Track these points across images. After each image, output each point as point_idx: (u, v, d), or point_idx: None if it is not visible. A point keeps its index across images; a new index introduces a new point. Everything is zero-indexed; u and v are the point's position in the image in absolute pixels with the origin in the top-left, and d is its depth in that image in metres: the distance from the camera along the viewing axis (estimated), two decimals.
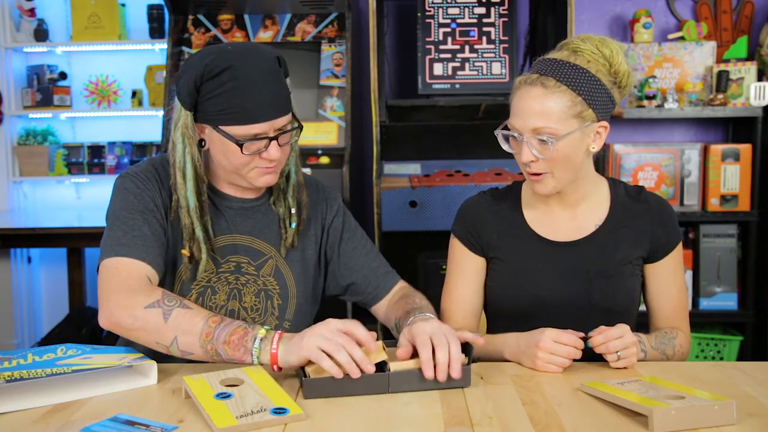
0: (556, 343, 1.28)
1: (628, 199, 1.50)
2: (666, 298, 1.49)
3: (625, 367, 1.30)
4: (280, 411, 1.07)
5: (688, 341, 1.48)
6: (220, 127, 1.34)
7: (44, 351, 1.27)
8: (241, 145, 1.33)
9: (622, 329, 1.29)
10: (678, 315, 1.48)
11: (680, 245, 1.50)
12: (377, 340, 1.22)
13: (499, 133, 1.43)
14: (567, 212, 1.49)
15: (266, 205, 1.49)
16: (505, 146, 1.44)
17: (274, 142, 1.35)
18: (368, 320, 3.14)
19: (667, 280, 1.49)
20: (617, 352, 1.28)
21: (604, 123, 1.41)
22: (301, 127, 1.41)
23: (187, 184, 1.37)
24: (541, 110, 1.35)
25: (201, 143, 1.39)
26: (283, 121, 1.36)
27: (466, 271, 1.53)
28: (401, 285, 1.57)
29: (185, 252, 1.39)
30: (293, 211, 1.47)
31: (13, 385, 1.14)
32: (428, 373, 1.17)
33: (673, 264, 1.49)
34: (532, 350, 1.29)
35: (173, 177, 1.38)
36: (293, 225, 1.47)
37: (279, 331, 1.23)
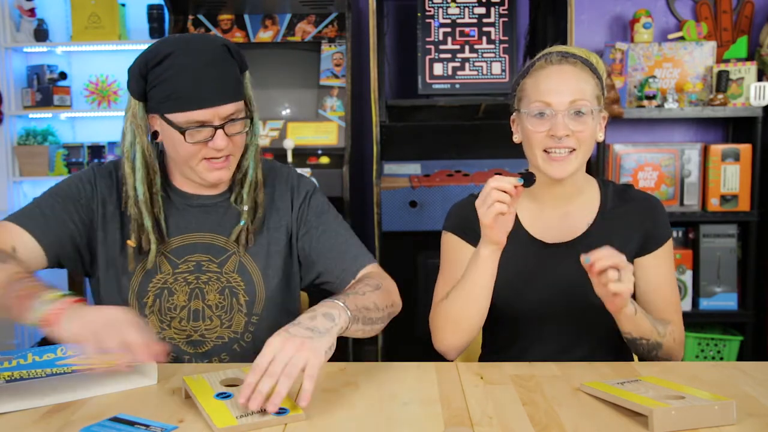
0: (492, 189, 1.29)
1: (616, 198, 1.50)
2: (656, 291, 1.47)
3: (618, 295, 1.26)
4: (280, 411, 1.07)
5: (682, 337, 1.45)
6: (165, 115, 1.32)
7: (44, 351, 1.27)
8: (183, 133, 1.31)
9: (620, 255, 1.26)
10: (669, 309, 1.46)
11: (670, 243, 1.49)
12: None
13: (525, 113, 1.42)
14: (559, 210, 1.49)
15: (228, 202, 1.46)
16: (527, 126, 1.41)
17: (220, 131, 1.32)
18: None
19: (656, 274, 1.47)
20: (616, 270, 1.24)
21: (606, 114, 1.47)
22: (251, 117, 1.38)
23: (136, 174, 1.37)
24: (577, 84, 1.39)
25: (155, 135, 1.38)
26: (229, 108, 1.32)
27: (461, 261, 1.48)
28: (370, 269, 1.47)
29: (131, 242, 1.38)
30: (245, 208, 1.42)
31: (13, 385, 1.14)
32: (241, 399, 1.06)
33: (662, 259, 1.47)
34: (478, 212, 1.31)
35: (122, 167, 1.38)
36: (242, 222, 1.42)
37: (79, 299, 1.16)
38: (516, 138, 1.49)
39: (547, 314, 1.46)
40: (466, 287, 1.39)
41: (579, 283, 1.44)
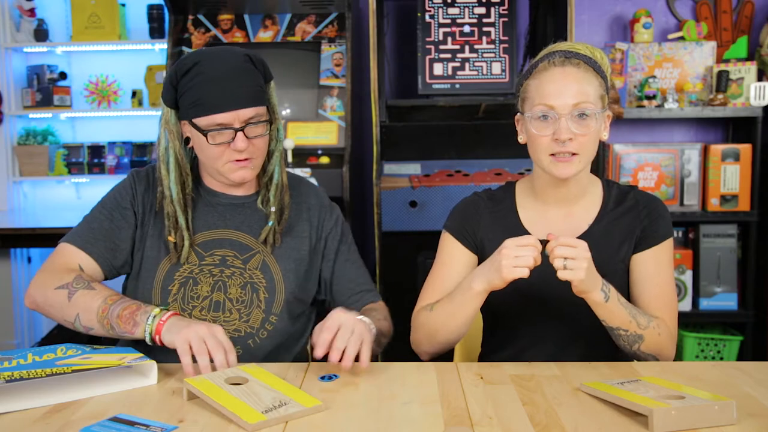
0: (518, 247, 1.29)
1: (619, 198, 1.51)
2: (649, 286, 1.45)
3: (573, 281, 1.28)
4: (331, 377, 1.26)
5: (670, 333, 1.42)
6: (192, 120, 1.43)
7: (44, 351, 1.27)
8: (206, 135, 1.42)
9: (578, 242, 1.28)
10: (659, 305, 1.44)
11: (669, 244, 1.47)
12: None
13: (529, 116, 1.42)
14: (562, 211, 1.50)
15: (255, 204, 1.56)
16: (530, 129, 1.42)
17: (240, 134, 1.42)
18: None
19: (651, 271, 1.45)
20: (565, 259, 1.26)
21: (609, 112, 1.46)
22: (271, 121, 1.48)
23: (170, 175, 1.47)
24: (580, 87, 1.39)
25: (187, 141, 1.49)
26: (249, 112, 1.43)
27: (453, 264, 1.52)
28: (377, 304, 1.60)
29: (171, 238, 1.48)
30: (273, 209, 1.52)
31: (13, 385, 1.14)
32: (318, 352, 1.26)
33: (659, 257, 1.46)
34: (497, 260, 1.31)
35: (158, 169, 1.50)
36: (270, 223, 1.51)
37: (174, 312, 1.34)
38: (521, 138, 1.48)
39: (547, 312, 1.46)
40: (451, 309, 1.41)
41: None
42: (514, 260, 1.29)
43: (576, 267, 1.26)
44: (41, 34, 3.61)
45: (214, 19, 3.25)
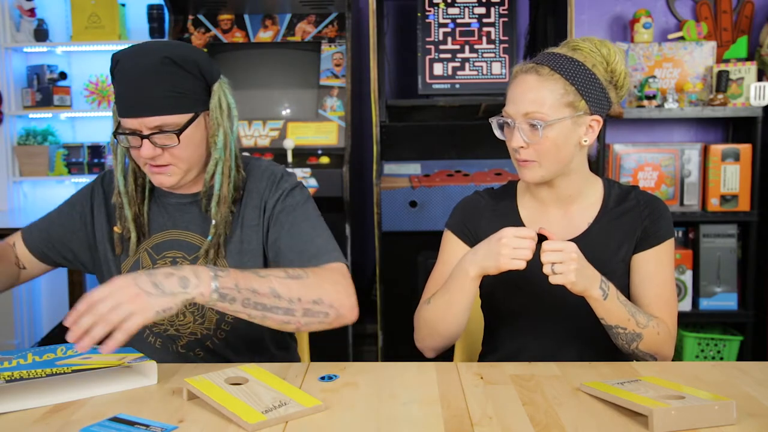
0: (517, 238, 1.30)
1: (619, 198, 1.51)
2: (649, 285, 1.45)
3: (564, 285, 1.30)
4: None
5: (669, 333, 1.42)
6: (120, 118, 1.38)
7: (44, 351, 1.27)
8: (117, 137, 1.39)
9: (564, 245, 1.29)
10: (662, 305, 1.44)
11: (670, 244, 1.47)
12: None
13: (493, 120, 1.46)
14: (561, 210, 1.50)
15: (200, 202, 1.49)
16: (498, 133, 1.47)
17: (146, 141, 1.34)
18: (369, 320, 3.15)
19: (651, 270, 1.45)
20: (552, 263, 1.28)
21: (597, 117, 1.43)
22: (178, 132, 1.34)
23: (118, 166, 1.45)
24: (534, 96, 1.38)
25: None
26: (155, 121, 1.33)
27: (455, 262, 1.48)
28: (316, 267, 1.39)
29: (117, 228, 1.47)
30: (213, 223, 1.42)
31: (13, 385, 1.14)
32: (66, 321, 1.13)
33: (660, 257, 1.46)
34: (495, 248, 1.31)
35: (112, 159, 1.48)
36: (209, 238, 1.43)
37: None
38: None
39: (545, 310, 1.46)
40: (448, 298, 1.41)
41: None
42: (513, 251, 1.30)
43: (564, 270, 1.28)
44: (41, 34, 3.60)
45: (214, 19, 3.25)
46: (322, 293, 1.28)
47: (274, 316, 1.25)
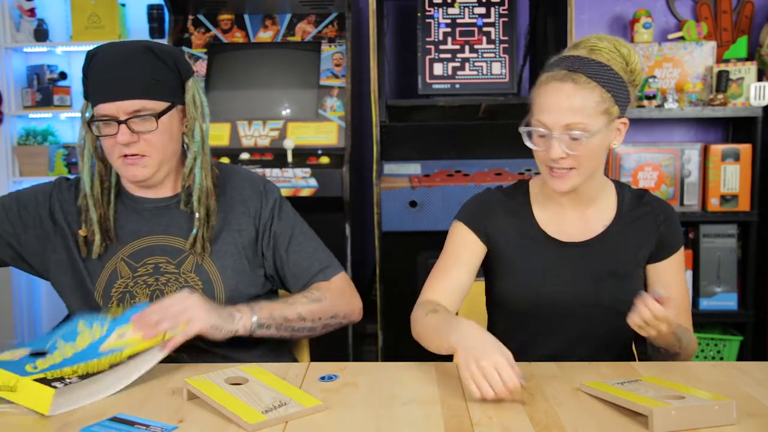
0: (504, 371, 1.13)
1: (633, 201, 1.50)
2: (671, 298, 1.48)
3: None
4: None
5: (696, 342, 1.47)
6: (93, 108, 1.40)
7: (69, 335, 1.26)
8: (92, 126, 1.39)
9: (664, 316, 1.25)
10: (681, 313, 1.47)
11: (682, 250, 1.50)
12: None
13: (523, 131, 1.41)
14: (577, 212, 1.49)
15: (178, 204, 1.50)
16: (528, 143, 1.42)
17: (123, 126, 1.37)
18: (369, 320, 3.15)
19: (669, 281, 1.48)
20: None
21: (625, 119, 1.42)
22: (158, 115, 1.38)
23: (84, 167, 1.45)
24: (574, 106, 1.34)
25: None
26: (133, 104, 1.37)
27: (464, 254, 1.49)
28: (329, 282, 1.53)
29: (82, 232, 1.46)
30: (197, 216, 1.45)
31: (86, 381, 1.16)
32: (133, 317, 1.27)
33: (675, 266, 1.49)
34: (482, 356, 1.15)
35: (79, 160, 1.47)
36: (194, 231, 1.45)
37: None
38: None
39: (557, 312, 1.45)
40: (433, 332, 1.33)
41: (591, 283, 1.44)
42: (486, 377, 1.13)
43: (649, 331, 1.28)
44: (41, 34, 3.60)
45: (214, 19, 3.25)
46: (337, 310, 1.50)
47: (301, 334, 1.47)
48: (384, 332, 2.92)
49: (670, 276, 1.49)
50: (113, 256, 1.46)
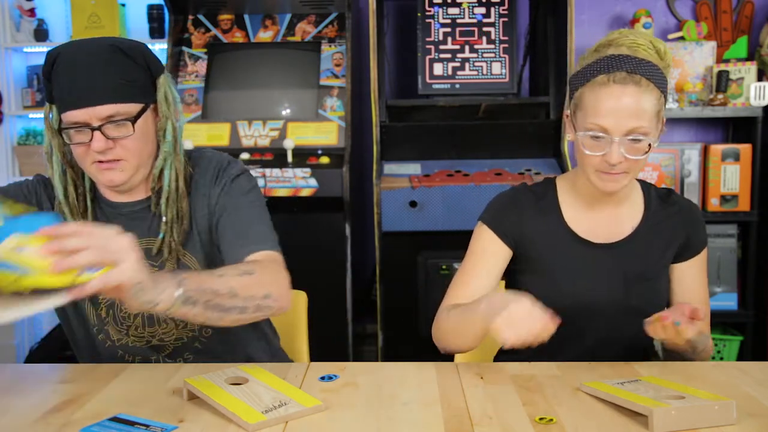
0: (542, 323, 1.20)
1: (659, 201, 1.48)
2: (691, 298, 1.47)
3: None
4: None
5: (712, 347, 1.47)
6: (61, 115, 1.31)
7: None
8: (63, 133, 1.31)
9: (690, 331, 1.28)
10: (702, 317, 1.43)
11: (706, 251, 1.49)
12: None
13: (585, 136, 1.35)
14: (607, 212, 1.46)
15: (150, 209, 1.43)
16: (587, 151, 1.35)
17: (97, 133, 1.28)
18: (369, 320, 3.15)
19: (694, 281, 1.48)
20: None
21: (664, 119, 1.40)
22: (133, 120, 1.31)
23: (54, 173, 1.38)
24: (638, 110, 1.31)
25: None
26: (107, 110, 1.28)
27: (489, 260, 1.46)
28: (262, 255, 1.37)
29: None
30: (164, 219, 1.38)
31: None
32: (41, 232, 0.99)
33: (699, 266, 1.48)
34: (516, 314, 1.21)
35: (47, 168, 1.39)
36: (161, 236, 1.38)
37: None
38: (569, 136, 1.43)
39: (585, 314, 1.43)
40: (460, 320, 1.36)
41: (621, 285, 1.43)
42: (521, 327, 1.20)
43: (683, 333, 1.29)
44: (41, 34, 3.60)
45: (214, 19, 3.25)
46: (270, 288, 1.27)
47: (230, 316, 1.21)
48: (384, 332, 2.92)
49: (692, 277, 1.47)
50: None
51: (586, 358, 1.41)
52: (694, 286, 1.48)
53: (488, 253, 1.46)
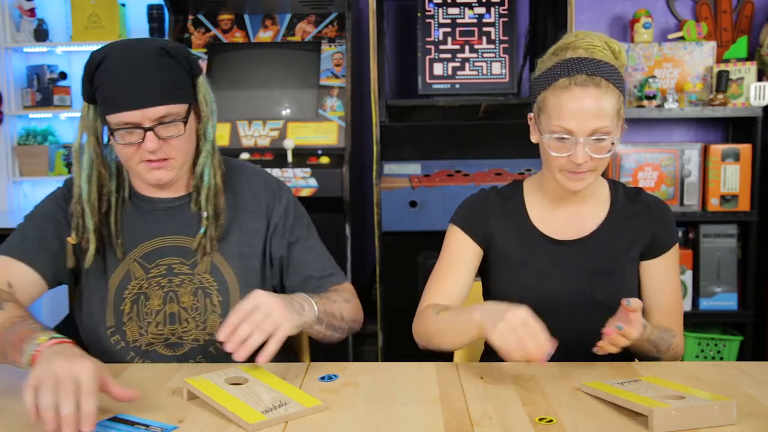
0: (537, 337, 1.18)
1: (627, 199, 1.51)
2: (660, 296, 1.48)
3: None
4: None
5: (683, 344, 1.48)
6: (106, 117, 1.34)
7: None
8: (113, 134, 1.33)
9: (630, 332, 1.27)
10: (672, 315, 1.48)
11: (677, 248, 1.50)
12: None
13: (550, 138, 1.38)
14: (571, 210, 1.50)
15: (189, 204, 1.46)
16: (553, 153, 1.38)
17: (150, 134, 1.32)
18: (369, 320, 3.15)
19: (662, 279, 1.49)
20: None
21: (623, 116, 1.43)
22: (185, 120, 1.35)
23: (82, 173, 1.39)
24: (599, 110, 1.34)
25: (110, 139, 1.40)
26: (159, 111, 1.32)
27: (461, 258, 1.50)
28: (341, 286, 1.52)
29: (71, 239, 1.40)
30: (204, 215, 1.42)
31: None
32: (220, 334, 1.20)
33: (668, 264, 1.49)
34: (514, 324, 1.19)
35: (73, 165, 1.41)
36: (202, 230, 1.42)
37: (61, 339, 1.11)
38: (533, 138, 1.47)
39: (553, 310, 1.44)
40: (452, 325, 1.36)
41: (586, 281, 1.44)
42: (520, 341, 1.18)
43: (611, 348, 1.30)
44: (41, 34, 3.60)
45: (214, 19, 3.25)
46: (359, 314, 1.50)
47: (335, 335, 1.42)
48: (384, 332, 2.92)
49: (662, 274, 1.49)
50: (125, 258, 1.43)
51: (558, 355, 1.42)
52: (664, 284, 1.49)
53: (461, 252, 1.51)
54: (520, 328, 1.18)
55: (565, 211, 1.50)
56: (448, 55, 3.05)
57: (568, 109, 1.35)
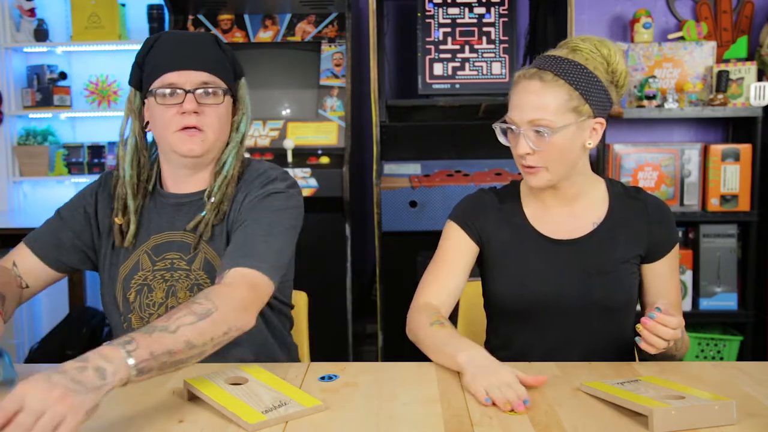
0: (514, 389, 1.15)
1: (626, 199, 1.51)
2: (664, 296, 1.48)
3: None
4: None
5: (688, 342, 1.48)
6: (150, 88, 1.43)
7: None
8: (155, 96, 1.41)
9: (668, 330, 1.26)
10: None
11: (677, 248, 1.50)
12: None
13: (496, 126, 1.45)
14: (565, 209, 1.50)
15: (201, 200, 1.47)
16: (502, 139, 1.46)
17: (190, 95, 1.39)
18: (369, 320, 3.15)
19: (665, 281, 1.49)
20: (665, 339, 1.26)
21: (601, 119, 1.43)
22: (224, 92, 1.44)
23: (127, 156, 1.47)
24: (539, 103, 1.37)
25: (146, 125, 1.48)
26: (202, 76, 1.41)
27: (457, 254, 1.51)
28: (239, 272, 1.30)
29: (118, 220, 1.47)
30: (212, 200, 1.45)
31: None
32: None
33: (670, 264, 1.49)
34: (494, 376, 1.17)
35: (117, 150, 1.50)
36: (203, 213, 1.45)
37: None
38: None
39: (551, 310, 1.46)
40: (438, 349, 1.34)
41: (582, 280, 1.44)
42: (497, 391, 1.14)
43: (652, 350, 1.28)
44: (41, 34, 3.60)
45: (214, 19, 3.25)
46: (229, 322, 1.20)
47: (189, 364, 1.14)
48: (384, 332, 2.92)
49: (664, 276, 1.49)
50: (138, 248, 1.48)
51: (555, 355, 1.42)
52: (667, 285, 1.49)
53: (457, 250, 1.52)
54: (503, 386, 1.15)
55: (560, 211, 1.50)
56: (448, 55, 3.05)
57: (513, 100, 1.42)
